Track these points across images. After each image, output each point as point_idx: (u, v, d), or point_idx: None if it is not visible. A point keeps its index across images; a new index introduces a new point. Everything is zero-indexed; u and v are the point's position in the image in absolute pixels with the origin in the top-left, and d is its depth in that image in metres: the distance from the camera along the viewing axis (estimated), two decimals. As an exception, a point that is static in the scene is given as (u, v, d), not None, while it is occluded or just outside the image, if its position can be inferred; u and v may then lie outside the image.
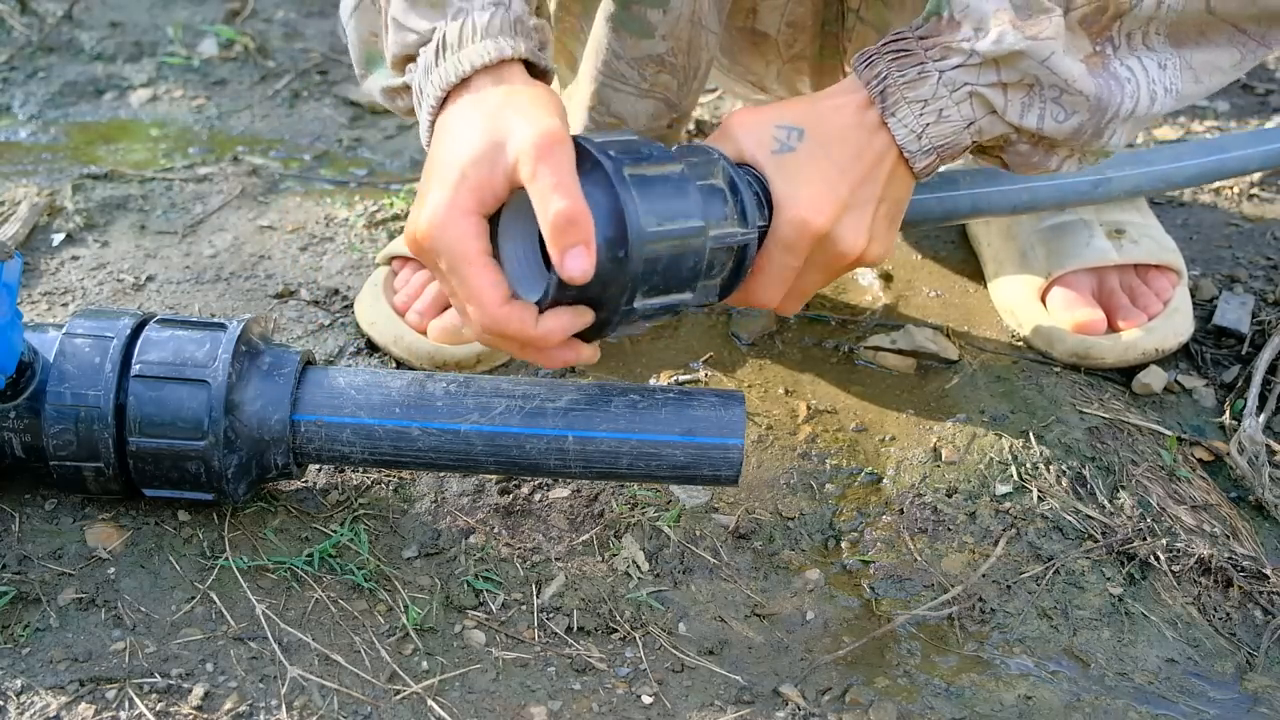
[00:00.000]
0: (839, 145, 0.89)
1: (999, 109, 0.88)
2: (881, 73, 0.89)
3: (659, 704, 0.87)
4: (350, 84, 1.72)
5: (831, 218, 0.88)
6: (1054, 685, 0.91)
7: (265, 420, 0.91)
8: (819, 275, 0.92)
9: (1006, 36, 0.85)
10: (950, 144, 0.89)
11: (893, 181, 0.91)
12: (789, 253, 0.89)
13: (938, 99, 0.88)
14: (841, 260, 0.91)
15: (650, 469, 0.92)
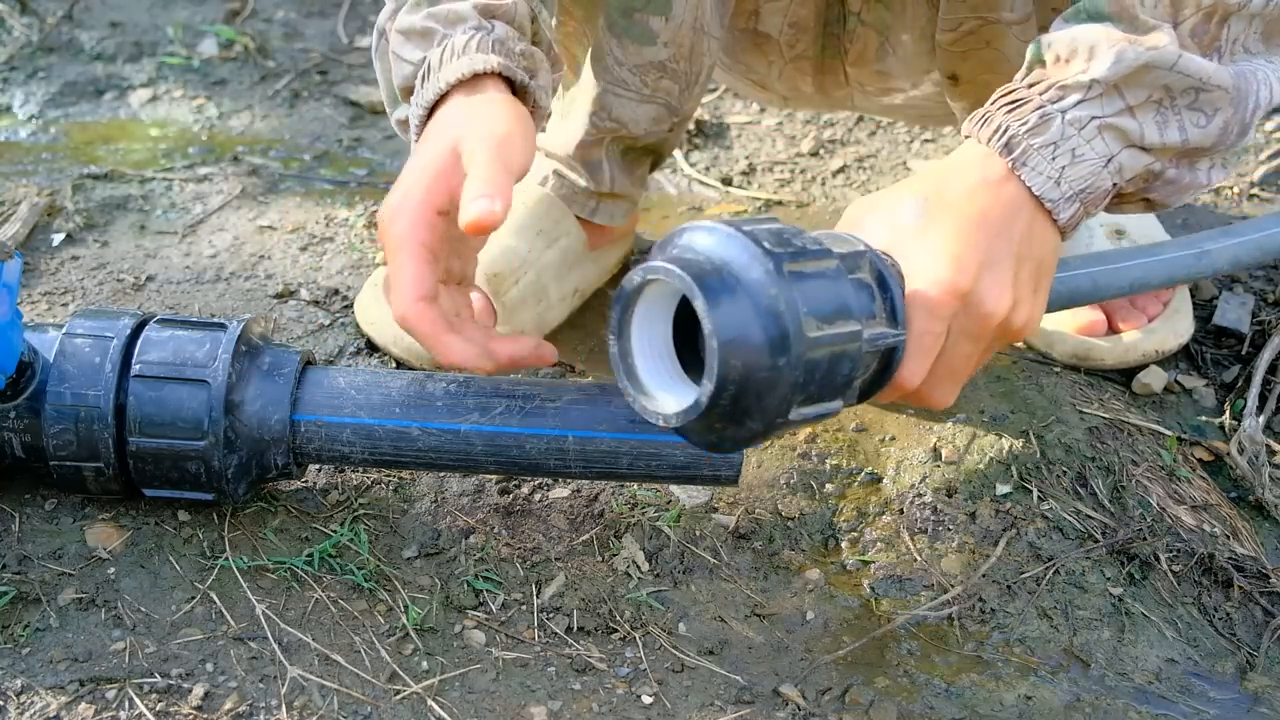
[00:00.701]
0: (965, 204, 0.83)
1: (1135, 136, 0.83)
2: (1001, 126, 0.84)
3: (659, 704, 0.87)
4: (350, 84, 1.72)
5: (970, 273, 0.81)
6: (1054, 685, 0.91)
7: (265, 420, 0.91)
8: (968, 346, 0.83)
9: (1126, 54, 0.81)
10: (1091, 187, 0.84)
11: (1033, 238, 0.84)
12: (931, 317, 0.81)
13: (1067, 139, 0.83)
14: (988, 322, 0.82)
15: (650, 469, 0.92)
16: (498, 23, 0.92)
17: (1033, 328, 0.86)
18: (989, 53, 1.10)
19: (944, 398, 0.86)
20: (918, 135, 1.64)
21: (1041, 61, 0.85)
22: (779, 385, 0.74)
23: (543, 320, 1.22)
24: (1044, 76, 0.85)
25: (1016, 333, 0.84)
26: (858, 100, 1.28)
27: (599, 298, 1.29)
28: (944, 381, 0.85)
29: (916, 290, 0.81)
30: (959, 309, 0.82)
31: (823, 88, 1.25)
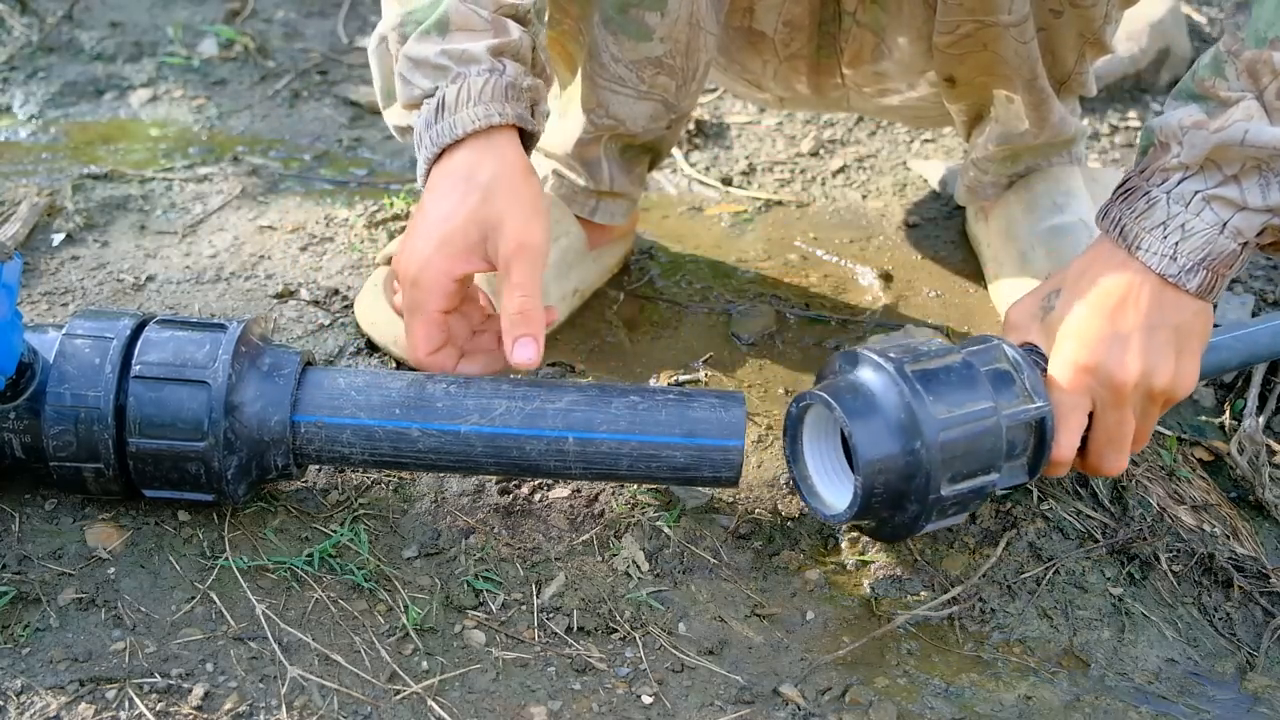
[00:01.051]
0: (1091, 289, 0.92)
1: (1239, 201, 0.89)
2: (1116, 216, 0.93)
3: (659, 704, 0.87)
4: (350, 84, 1.72)
5: (1095, 349, 0.91)
6: (1054, 685, 0.91)
7: (265, 421, 0.91)
8: (1114, 414, 0.92)
9: (1197, 139, 0.88)
10: (1211, 253, 0.90)
11: (1163, 308, 0.91)
12: (1064, 390, 0.92)
13: (1174, 217, 0.90)
14: (1122, 390, 0.91)
15: (650, 470, 0.92)
16: (508, 62, 0.95)
17: (1182, 387, 0.93)
18: (986, 55, 1.10)
19: (1113, 465, 0.95)
20: (918, 135, 1.64)
21: (1151, 146, 0.93)
22: (920, 468, 0.87)
23: (543, 320, 1.22)
24: (1150, 163, 0.93)
25: (1163, 394, 0.92)
26: (854, 101, 1.28)
27: (599, 297, 1.29)
28: (1107, 450, 0.94)
29: (1052, 371, 0.93)
30: (1092, 382, 0.91)
31: (818, 88, 1.25)
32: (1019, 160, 1.29)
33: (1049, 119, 1.19)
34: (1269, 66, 0.86)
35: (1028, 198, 1.29)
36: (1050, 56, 1.13)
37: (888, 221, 1.47)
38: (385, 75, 1.02)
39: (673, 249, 1.39)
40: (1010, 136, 1.22)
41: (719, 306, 1.29)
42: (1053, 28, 1.10)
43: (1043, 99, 1.16)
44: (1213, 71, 0.89)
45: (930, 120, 1.38)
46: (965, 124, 1.26)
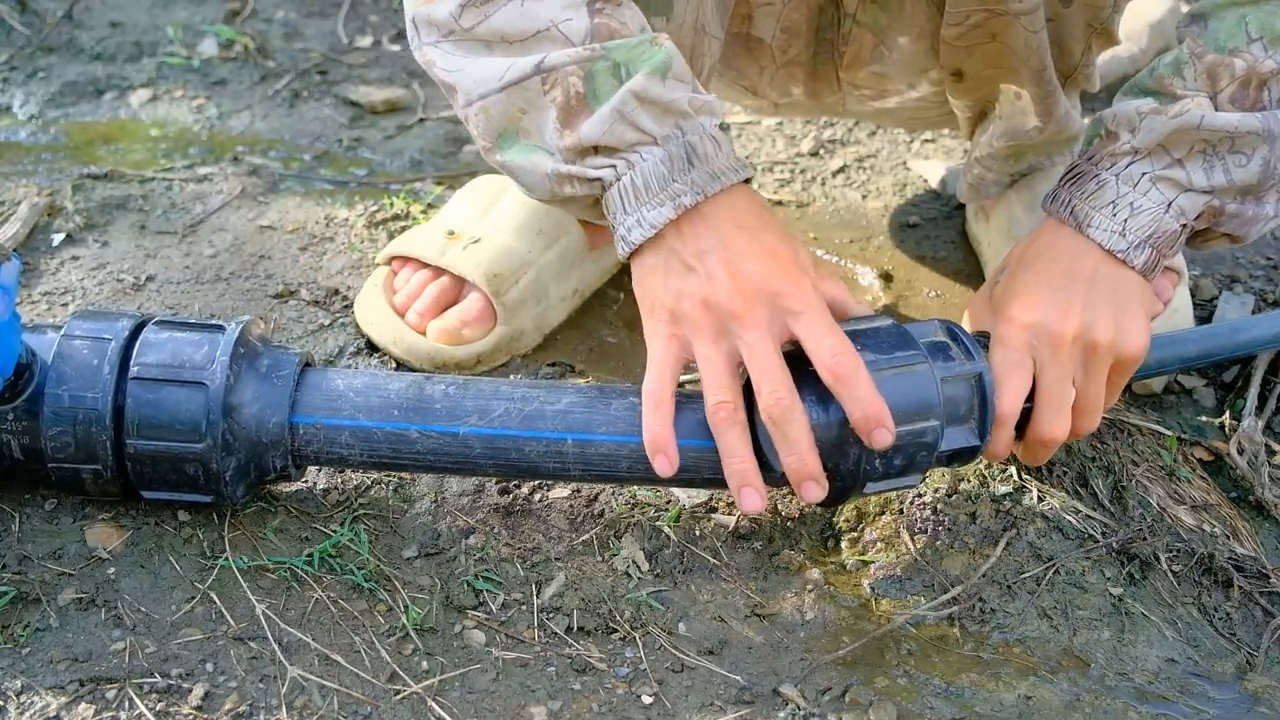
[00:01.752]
0: (1036, 262, 0.97)
1: (1185, 182, 0.94)
2: (1065, 199, 0.97)
3: (659, 704, 0.87)
4: (350, 84, 1.71)
5: (1034, 307, 0.94)
6: (1054, 685, 0.91)
7: (264, 423, 0.91)
8: (1054, 370, 0.94)
9: (1155, 124, 0.94)
10: (1156, 231, 0.95)
11: (1101, 271, 0.95)
12: (1002, 347, 0.94)
13: (1123, 197, 0.95)
14: (1061, 342, 0.93)
15: (649, 472, 0.91)
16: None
17: (1129, 343, 0.95)
18: (994, 47, 1.10)
19: (1054, 428, 0.95)
20: (918, 135, 1.64)
21: (1099, 135, 0.98)
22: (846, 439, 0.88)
23: (543, 320, 1.22)
24: (1098, 149, 0.98)
25: (1107, 349, 0.94)
26: (850, 105, 1.28)
27: (599, 298, 1.29)
28: (1047, 411, 0.95)
29: (994, 331, 0.96)
30: (1031, 339, 0.94)
31: (814, 93, 1.25)
32: (1022, 158, 1.29)
33: (1054, 112, 1.19)
34: (1229, 70, 0.93)
35: (1029, 197, 1.29)
36: (1057, 48, 1.13)
37: (888, 221, 1.47)
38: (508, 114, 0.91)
39: (673, 249, 1.39)
40: (1015, 133, 1.22)
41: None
42: (1061, 18, 1.10)
43: (1049, 91, 1.16)
44: (1173, 71, 0.95)
45: (926, 122, 1.38)
46: (969, 120, 1.26)
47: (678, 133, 0.89)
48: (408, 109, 1.67)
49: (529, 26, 0.89)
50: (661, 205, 0.89)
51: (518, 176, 0.94)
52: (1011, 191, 1.32)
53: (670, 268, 0.90)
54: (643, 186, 0.89)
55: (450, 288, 1.18)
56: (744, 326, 0.87)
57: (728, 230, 0.89)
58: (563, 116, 0.89)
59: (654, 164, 0.89)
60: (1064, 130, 1.23)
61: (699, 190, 0.89)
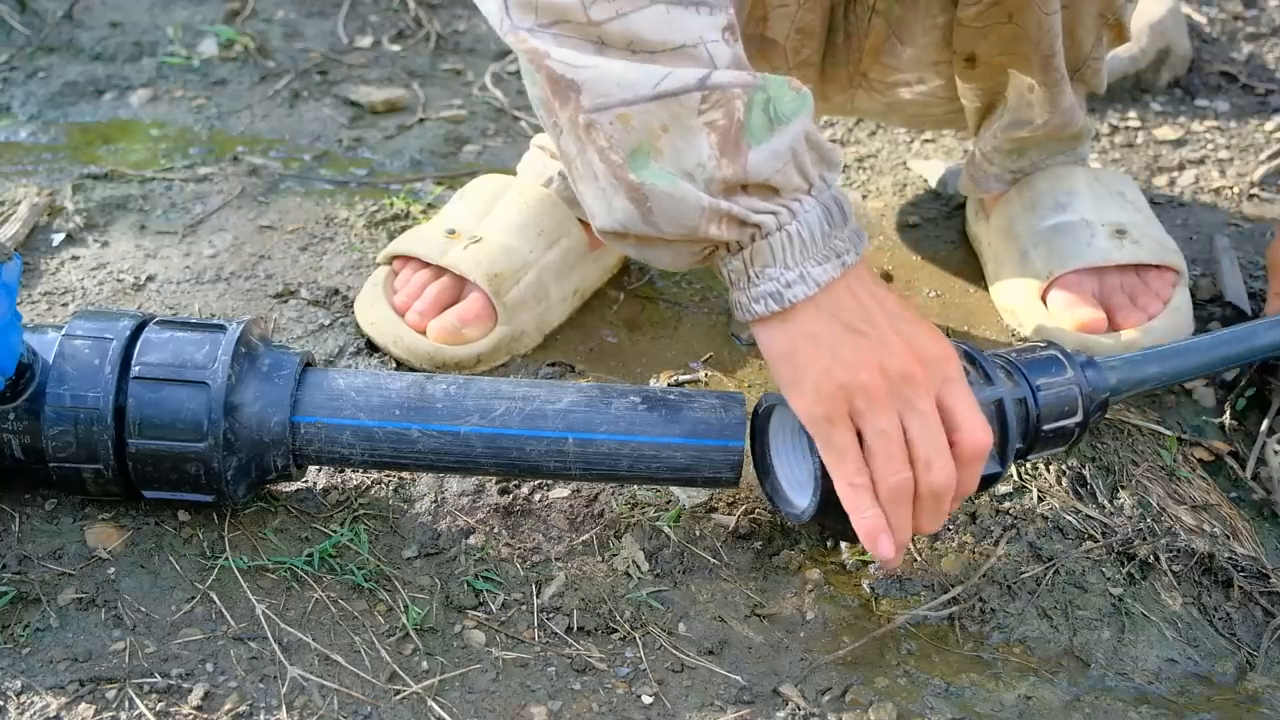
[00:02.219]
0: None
1: None
2: None
3: (659, 704, 0.87)
4: (350, 84, 1.71)
5: None
6: (1054, 685, 0.91)
7: (265, 422, 0.91)
8: None
9: None
10: None
11: None
12: None
13: None
14: None
15: (650, 471, 0.92)
16: None
17: None
18: (1010, 29, 1.10)
19: None
20: (918, 135, 1.64)
21: None
22: None
23: (543, 320, 1.22)
24: None
25: None
26: (858, 102, 1.28)
27: (599, 298, 1.29)
28: None
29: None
30: None
31: (824, 94, 1.25)
32: (1024, 154, 1.29)
33: (1060, 104, 1.19)
34: None
35: (1029, 196, 1.29)
36: (1069, 38, 1.14)
37: (888, 221, 1.47)
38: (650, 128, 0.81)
39: (673, 249, 1.39)
40: (1020, 124, 1.22)
41: (719, 306, 1.29)
42: (1075, 4, 1.10)
43: (1056, 80, 1.16)
44: None
45: (934, 120, 1.38)
46: (977, 112, 1.26)
47: (825, 185, 0.84)
48: (408, 109, 1.67)
49: (674, 37, 0.80)
50: (826, 261, 0.83)
51: (657, 204, 0.82)
52: (1012, 191, 1.32)
53: (837, 335, 0.83)
54: (809, 239, 0.83)
55: (451, 287, 1.18)
56: (919, 395, 0.83)
57: (879, 293, 0.86)
58: (723, 144, 0.80)
59: (816, 216, 0.83)
60: (1068, 125, 1.23)
61: (857, 249, 0.85)
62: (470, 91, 1.73)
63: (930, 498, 0.84)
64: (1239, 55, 1.87)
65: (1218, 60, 1.85)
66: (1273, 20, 1.95)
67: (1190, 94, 1.78)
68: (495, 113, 1.67)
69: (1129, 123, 1.71)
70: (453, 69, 1.79)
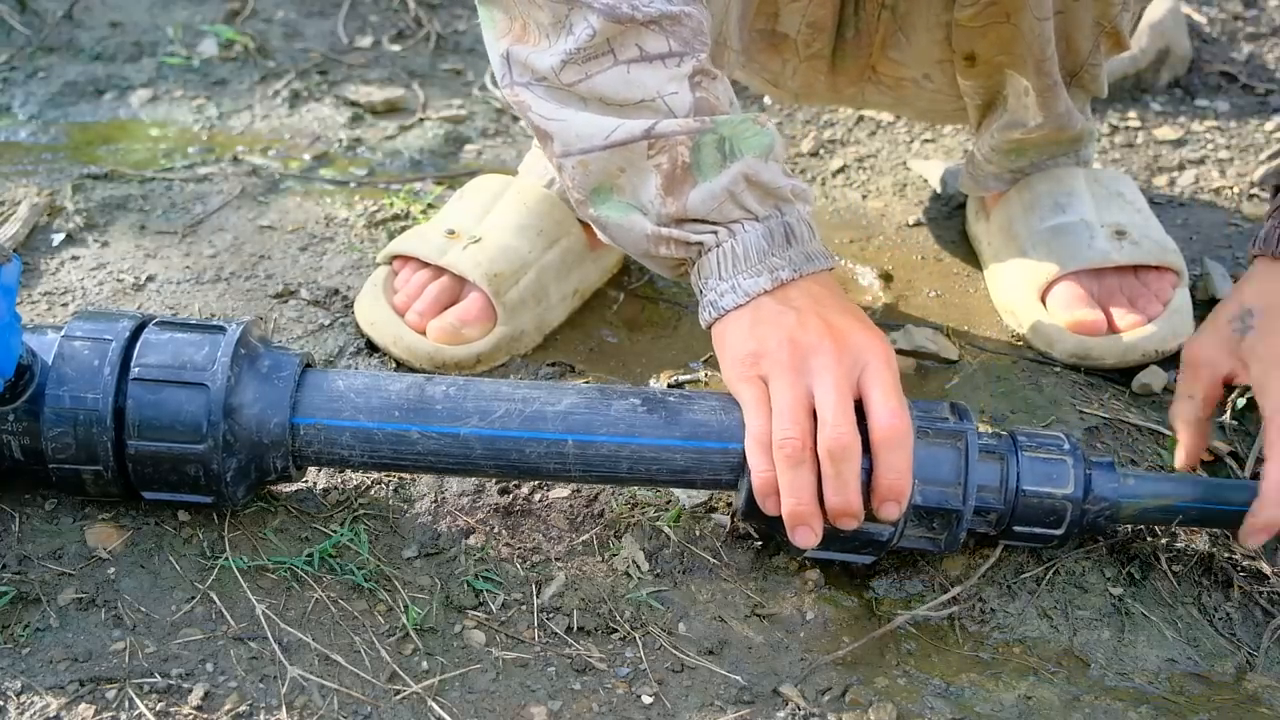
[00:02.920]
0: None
1: None
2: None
3: (659, 704, 0.87)
4: (350, 84, 1.71)
5: None
6: (1054, 685, 0.91)
7: (264, 423, 0.91)
8: None
9: None
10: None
11: None
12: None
13: None
14: None
15: (650, 473, 0.91)
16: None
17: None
18: (1007, 29, 1.10)
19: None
20: (918, 135, 1.64)
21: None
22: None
23: (543, 320, 1.22)
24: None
25: None
26: (869, 95, 1.28)
27: (599, 298, 1.29)
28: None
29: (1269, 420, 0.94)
30: None
31: (835, 86, 1.25)
32: (1023, 155, 1.29)
33: (1054, 108, 1.19)
34: None
35: (1029, 197, 1.29)
36: (1065, 43, 1.14)
37: (888, 221, 1.47)
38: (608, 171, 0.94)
39: (673, 249, 1.39)
40: (1016, 125, 1.22)
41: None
42: (1070, 10, 1.10)
43: (1050, 85, 1.16)
44: None
45: (943, 115, 1.38)
46: (978, 109, 1.26)
47: (777, 214, 0.93)
48: (408, 109, 1.67)
49: (633, 94, 0.91)
50: (759, 275, 0.92)
51: (611, 232, 0.97)
52: (1012, 192, 1.32)
53: (759, 318, 0.91)
54: (742, 255, 0.92)
55: (450, 287, 1.18)
56: (825, 366, 0.87)
57: (819, 292, 0.92)
58: (667, 184, 0.92)
59: (755, 237, 0.92)
60: (1064, 129, 1.23)
61: (796, 268, 0.92)
62: (470, 91, 1.73)
63: (828, 459, 0.86)
64: (1239, 55, 1.87)
65: (1218, 60, 1.85)
66: (1273, 20, 1.95)
67: (1190, 94, 1.78)
68: (495, 113, 1.67)
69: (1129, 123, 1.71)
70: (453, 69, 1.79)
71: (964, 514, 0.90)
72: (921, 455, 0.89)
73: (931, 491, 0.90)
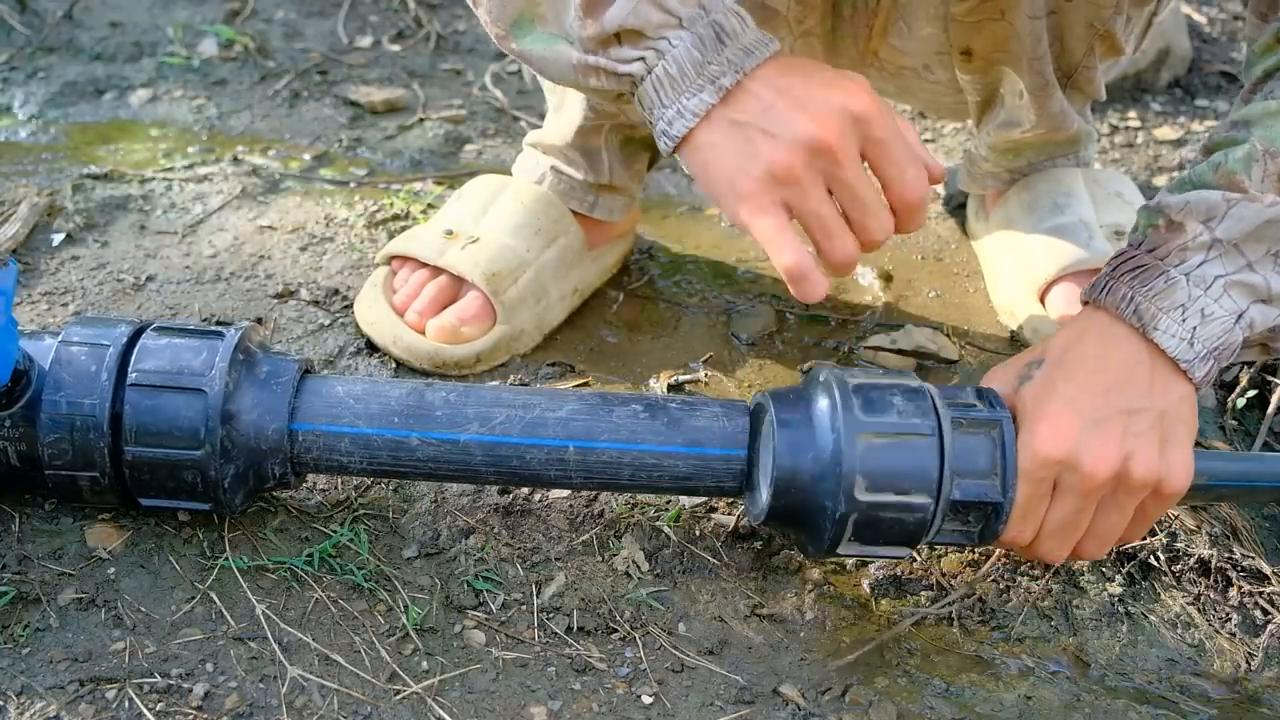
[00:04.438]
0: (1078, 364, 0.86)
1: (1261, 290, 0.85)
2: (1126, 294, 0.86)
3: (659, 704, 0.87)
4: (350, 84, 1.71)
5: (1070, 436, 0.84)
6: (1054, 685, 0.91)
7: (262, 430, 0.90)
8: (1074, 502, 0.85)
9: (1248, 212, 0.84)
10: (1225, 343, 0.85)
11: (1154, 389, 0.85)
12: (1029, 481, 0.85)
13: (1194, 300, 0.85)
14: (1091, 481, 0.84)
15: (652, 480, 0.91)
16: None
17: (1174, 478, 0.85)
18: (1003, 26, 1.10)
19: (1053, 553, 0.88)
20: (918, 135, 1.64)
21: (1153, 226, 0.88)
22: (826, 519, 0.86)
23: (542, 319, 1.22)
24: (1162, 241, 0.87)
25: (1145, 485, 0.85)
26: (873, 81, 1.27)
27: (599, 298, 1.29)
28: (1052, 538, 0.87)
29: (1022, 456, 0.85)
30: (1059, 472, 0.84)
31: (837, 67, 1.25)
32: (1020, 155, 1.29)
33: (1048, 108, 1.19)
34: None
35: (1028, 198, 1.29)
36: (1059, 44, 1.14)
37: (888, 221, 1.46)
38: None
39: (673, 249, 1.39)
40: (1011, 125, 1.22)
41: (719, 306, 1.29)
42: (1063, 11, 1.10)
43: (1043, 84, 1.16)
44: (1243, 167, 0.86)
45: (946, 109, 1.37)
46: (977, 106, 1.26)
47: (702, 13, 0.83)
48: (408, 109, 1.67)
49: None
50: (701, 91, 0.83)
51: (538, 66, 0.88)
52: (1011, 191, 1.32)
53: (735, 137, 0.83)
54: (678, 75, 0.84)
55: (449, 287, 1.18)
56: (838, 164, 0.81)
57: (782, 81, 0.83)
58: (586, 3, 0.83)
59: (685, 49, 0.83)
60: (1059, 130, 1.23)
61: (738, 69, 0.83)
62: (470, 91, 1.73)
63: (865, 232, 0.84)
64: (1239, 55, 1.87)
65: (1218, 60, 1.85)
66: (1273, 19, 1.95)
67: (1190, 94, 1.78)
68: (495, 113, 1.67)
69: (1129, 123, 1.71)
70: (453, 69, 1.79)
71: (1004, 506, 0.86)
72: (956, 447, 0.86)
73: (969, 485, 0.86)
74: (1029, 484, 0.85)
